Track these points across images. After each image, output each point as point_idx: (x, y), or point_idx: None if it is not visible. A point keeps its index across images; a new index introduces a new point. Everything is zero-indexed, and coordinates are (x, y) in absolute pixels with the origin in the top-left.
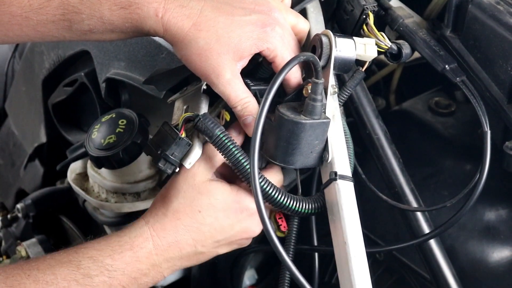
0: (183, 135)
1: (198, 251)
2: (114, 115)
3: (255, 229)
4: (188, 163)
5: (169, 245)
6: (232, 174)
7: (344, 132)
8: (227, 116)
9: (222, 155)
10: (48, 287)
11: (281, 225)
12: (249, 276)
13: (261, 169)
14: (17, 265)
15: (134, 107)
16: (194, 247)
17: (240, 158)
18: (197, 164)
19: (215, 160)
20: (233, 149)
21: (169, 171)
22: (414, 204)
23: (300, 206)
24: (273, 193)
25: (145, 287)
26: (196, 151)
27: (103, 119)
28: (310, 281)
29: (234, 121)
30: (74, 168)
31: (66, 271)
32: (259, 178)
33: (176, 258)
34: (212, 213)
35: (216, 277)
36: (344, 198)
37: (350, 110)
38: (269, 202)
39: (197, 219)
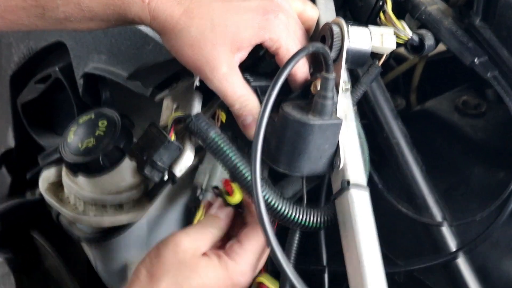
0: (173, 138)
1: None
2: (93, 116)
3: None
4: (179, 170)
5: None
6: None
7: (358, 135)
8: (223, 117)
9: (218, 160)
10: None
11: None
12: None
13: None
14: None
15: (116, 106)
16: None
17: (239, 164)
18: (188, 238)
19: (208, 231)
20: (230, 155)
21: (156, 179)
22: (439, 217)
23: (307, 219)
24: (276, 205)
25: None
26: (188, 155)
27: (81, 120)
28: None
29: (232, 122)
30: (47, 176)
31: None
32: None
33: None
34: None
35: None
36: (358, 210)
37: (365, 110)
38: (273, 215)
39: None
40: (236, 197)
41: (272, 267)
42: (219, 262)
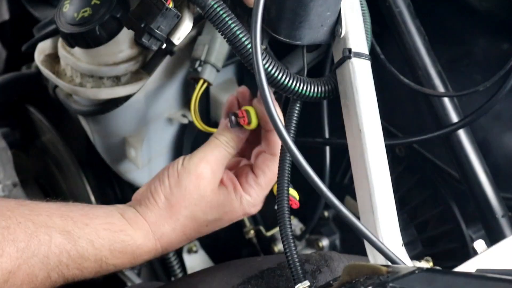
0: (171, 5)
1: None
2: None
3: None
4: (177, 38)
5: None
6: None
7: (361, 4)
8: None
9: (217, 29)
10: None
11: None
12: None
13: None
14: None
15: None
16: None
17: (238, 33)
18: (209, 170)
19: (225, 156)
20: (230, 22)
21: (155, 47)
22: (441, 88)
23: (308, 88)
24: (277, 74)
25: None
26: (186, 24)
27: None
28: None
29: None
30: (43, 48)
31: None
32: (262, 57)
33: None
34: (218, 225)
35: None
36: (360, 78)
37: None
38: (273, 85)
39: (201, 231)
40: (253, 124)
41: None
42: (235, 195)
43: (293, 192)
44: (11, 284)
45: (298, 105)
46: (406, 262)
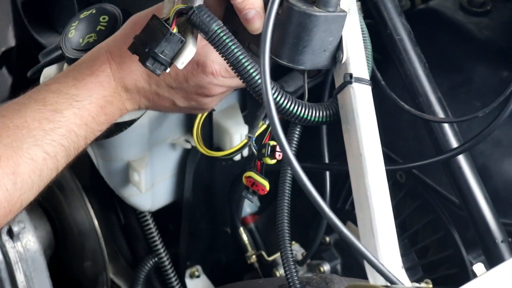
0: (175, 30)
1: (153, 90)
2: (94, 11)
3: (213, 90)
4: (181, 62)
5: (125, 72)
6: None
7: (362, 31)
8: None
9: (220, 53)
10: (20, 131)
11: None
12: (250, 203)
13: None
14: None
15: (117, 1)
16: (148, 83)
17: (241, 58)
18: None
19: None
20: (233, 48)
21: (158, 72)
22: (441, 114)
23: (310, 113)
24: (279, 99)
25: (111, 118)
26: (190, 48)
27: (82, 16)
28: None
29: (230, 17)
30: (48, 73)
31: (34, 111)
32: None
33: (134, 91)
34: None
35: (212, 202)
36: (361, 103)
37: (369, 7)
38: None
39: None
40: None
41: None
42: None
43: (262, 180)
44: (20, 182)
45: (298, 129)
46: (406, 284)
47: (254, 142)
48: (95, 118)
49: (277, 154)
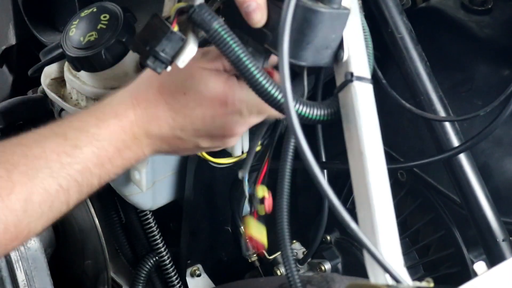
0: (176, 28)
1: (177, 135)
2: (95, 9)
3: (238, 129)
4: (181, 61)
5: (149, 118)
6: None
7: (363, 29)
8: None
9: (221, 52)
10: (38, 161)
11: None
12: None
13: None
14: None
15: (118, 0)
16: (173, 128)
17: (242, 56)
18: (198, 50)
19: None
20: (234, 46)
21: (159, 70)
22: (442, 113)
23: (310, 111)
24: (280, 97)
25: (128, 163)
26: (191, 47)
27: (83, 14)
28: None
29: (229, 12)
30: (49, 72)
31: (54, 144)
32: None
33: (156, 136)
34: (197, 98)
35: (213, 201)
36: (362, 101)
37: (370, 6)
38: (272, 104)
39: (180, 100)
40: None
41: None
42: (225, 78)
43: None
44: (30, 210)
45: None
46: (408, 282)
47: (247, 182)
48: (111, 160)
49: (266, 206)
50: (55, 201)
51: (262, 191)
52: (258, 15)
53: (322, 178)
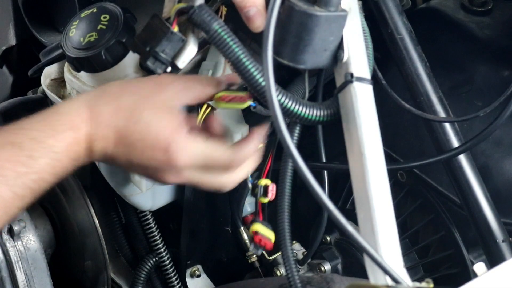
0: (176, 29)
1: (118, 158)
2: (95, 10)
3: (170, 179)
4: (181, 61)
5: (98, 136)
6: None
7: (363, 30)
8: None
9: (221, 53)
10: None
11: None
12: (250, 202)
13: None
14: None
15: (118, 1)
16: (115, 151)
17: (242, 57)
18: (177, 89)
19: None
20: (234, 46)
21: (159, 71)
22: (442, 114)
23: (310, 112)
24: (279, 97)
25: (79, 165)
26: (191, 47)
27: (83, 15)
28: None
29: (232, 15)
30: (49, 72)
31: (9, 153)
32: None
33: (101, 153)
34: (143, 133)
35: (213, 201)
36: (362, 102)
37: (370, 7)
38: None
39: (129, 128)
40: None
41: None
42: (176, 127)
43: (268, 234)
44: None
45: (298, 128)
46: (408, 283)
47: (250, 176)
48: (65, 170)
49: (269, 193)
50: (10, 206)
51: (265, 182)
52: (258, 20)
53: (314, 181)
